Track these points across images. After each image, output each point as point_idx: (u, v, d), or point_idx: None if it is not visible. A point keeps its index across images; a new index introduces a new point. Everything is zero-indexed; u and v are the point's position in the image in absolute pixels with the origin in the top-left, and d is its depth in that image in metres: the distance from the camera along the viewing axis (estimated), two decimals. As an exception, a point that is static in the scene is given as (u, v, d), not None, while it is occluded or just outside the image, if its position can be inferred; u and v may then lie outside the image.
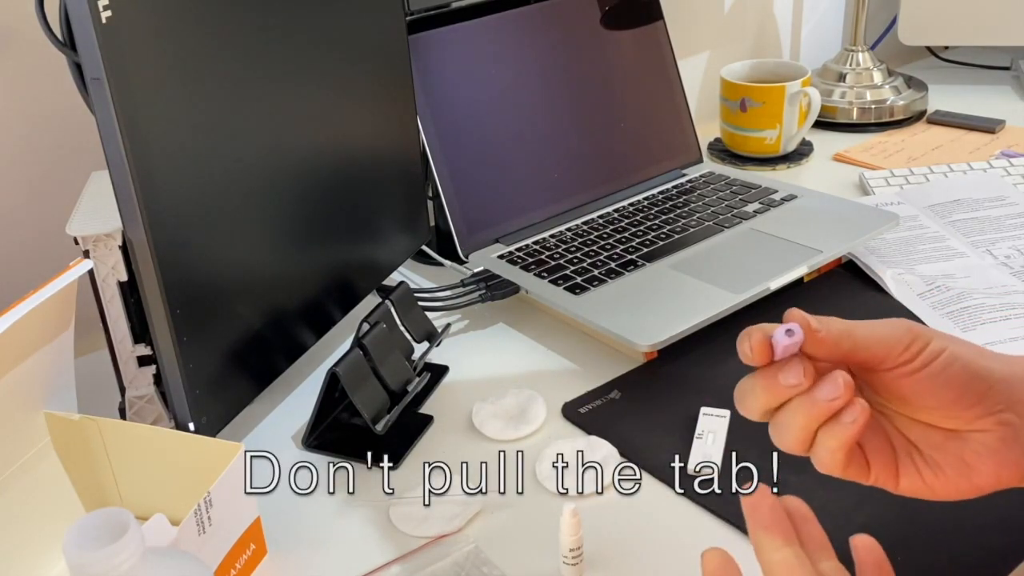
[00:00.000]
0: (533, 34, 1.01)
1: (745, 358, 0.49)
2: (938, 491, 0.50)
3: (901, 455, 0.51)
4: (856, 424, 0.47)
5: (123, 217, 0.60)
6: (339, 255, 0.81)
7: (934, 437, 0.50)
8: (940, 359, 0.48)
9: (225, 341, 0.69)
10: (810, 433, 0.48)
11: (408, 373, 0.76)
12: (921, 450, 0.51)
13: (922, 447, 0.50)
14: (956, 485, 0.50)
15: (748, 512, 0.48)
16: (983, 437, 0.49)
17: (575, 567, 0.60)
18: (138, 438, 0.64)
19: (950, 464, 0.50)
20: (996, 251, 0.94)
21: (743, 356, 0.49)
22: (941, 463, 0.50)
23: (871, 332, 0.48)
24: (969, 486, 0.50)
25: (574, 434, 0.74)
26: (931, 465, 0.50)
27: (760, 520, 0.47)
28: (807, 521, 0.49)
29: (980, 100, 1.37)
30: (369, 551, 0.64)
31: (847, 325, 0.48)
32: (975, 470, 0.49)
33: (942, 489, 0.50)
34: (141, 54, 0.58)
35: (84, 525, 0.44)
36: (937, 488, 0.50)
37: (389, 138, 0.87)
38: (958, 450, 0.49)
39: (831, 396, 0.47)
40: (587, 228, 0.99)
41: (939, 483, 0.50)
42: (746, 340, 0.48)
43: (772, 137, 1.19)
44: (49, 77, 0.85)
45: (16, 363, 0.59)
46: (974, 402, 0.48)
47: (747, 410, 0.50)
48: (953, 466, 0.50)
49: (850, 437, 0.48)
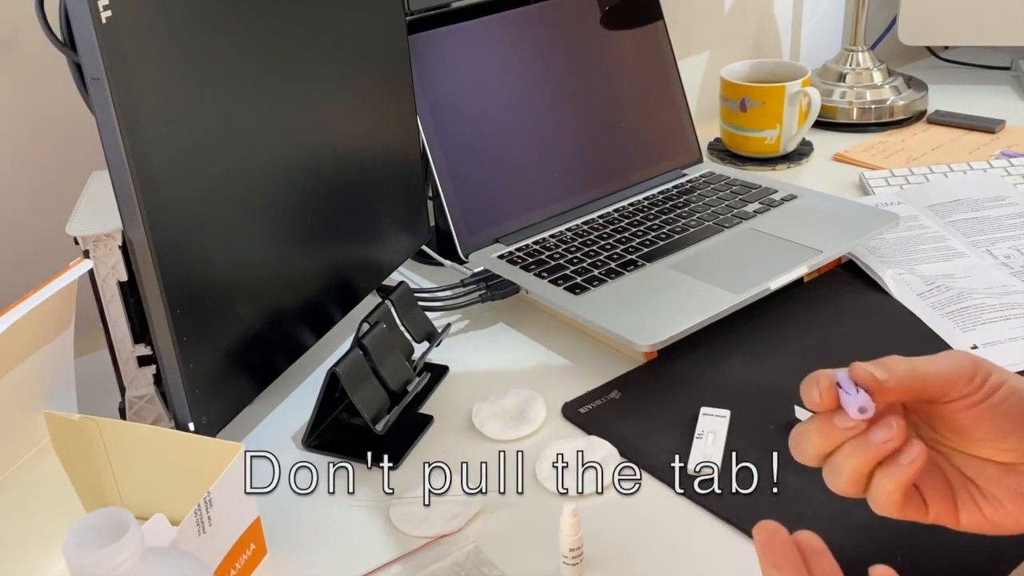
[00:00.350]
0: (533, 34, 1.01)
1: (812, 404, 0.50)
2: (999, 525, 0.50)
3: (959, 491, 0.51)
4: (914, 465, 0.48)
5: (123, 217, 0.60)
6: (339, 255, 0.81)
7: (990, 471, 0.51)
8: (1000, 391, 0.49)
9: (225, 341, 0.69)
10: (863, 475, 0.49)
11: (408, 373, 0.77)
12: (979, 484, 0.51)
13: (979, 482, 0.51)
14: (1016, 518, 0.50)
15: (760, 549, 0.48)
16: None
17: (575, 567, 0.60)
18: (138, 438, 0.64)
19: (1008, 497, 0.50)
20: (996, 251, 0.94)
21: (810, 403, 0.50)
22: (1000, 497, 0.50)
23: (938, 368, 0.49)
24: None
25: (574, 434, 0.74)
26: (989, 499, 0.50)
27: (772, 558, 0.47)
28: (820, 556, 0.48)
29: (980, 100, 1.37)
30: (369, 551, 0.64)
31: (911, 365, 0.49)
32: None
33: (1002, 522, 0.50)
34: (141, 54, 0.58)
35: (84, 525, 0.44)
36: (997, 522, 0.50)
37: (389, 138, 0.87)
38: (1015, 483, 0.50)
39: (884, 439, 0.48)
40: (587, 228, 0.99)
41: (999, 516, 0.50)
42: (814, 387, 0.49)
43: (772, 137, 1.19)
44: (49, 77, 0.85)
45: (16, 363, 0.59)
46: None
47: (802, 455, 0.51)
48: (1011, 499, 0.50)
49: (908, 478, 0.48)
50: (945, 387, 0.49)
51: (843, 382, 0.49)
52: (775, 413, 0.73)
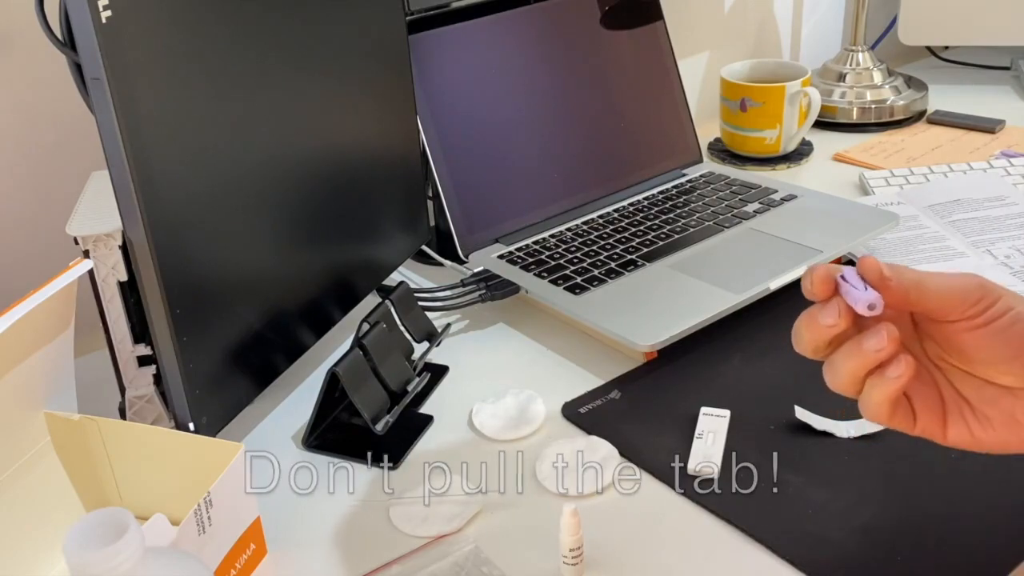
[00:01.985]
0: (533, 34, 1.01)
1: (805, 292, 0.50)
2: (984, 444, 0.51)
3: (951, 408, 0.52)
4: (900, 379, 0.48)
5: (123, 217, 0.60)
6: (339, 255, 0.81)
7: (988, 392, 0.51)
8: (1005, 317, 0.49)
9: (225, 341, 0.69)
10: (857, 380, 0.50)
11: (408, 373, 0.77)
12: (972, 404, 0.51)
13: (974, 401, 0.51)
14: (1004, 439, 0.51)
15: None
16: None
17: (575, 567, 0.60)
18: (138, 438, 0.64)
19: (1000, 419, 0.51)
20: (996, 251, 0.94)
21: (804, 290, 0.50)
22: (991, 417, 0.51)
23: (941, 284, 0.49)
24: (1019, 441, 0.51)
25: (574, 434, 0.74)
26: (980, 419, 0.51)
27: None
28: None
29: (980, 100, 1.37)
30: (369, 551, 0.64)
31: (918, 276, 0.49)
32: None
33: (989, 442, 0.51)
34: (141, 54, 0.58)
35: (84, 525, 0.44)
36: (984, 441, 0.51)
37: (389, 138, 0.87)
38: (1010, 406, 0.50)
39: (877, 347, 0.48)
40: (587, 228, 0.99)
41: (987, 436, 0.51)
42: (808, 276, 0.50)
43: (772, 137, 1.19)
44: (49, 77, 0.85)
45: (16, 363, 0.59)
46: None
47: (798, 346, 0.51)
48: (1003, 421, 0.50)
49: (893, 391, 0.49)
50: (946, 305, 0.49)
51: (851, 277, 0.50)
52: (775, 413, 0.73)
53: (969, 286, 0.49)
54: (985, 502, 0.64)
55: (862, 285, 0.49)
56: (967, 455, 0.66)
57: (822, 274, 0.50)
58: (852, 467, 0.67)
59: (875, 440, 0.69)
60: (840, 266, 0.51)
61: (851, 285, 0.49)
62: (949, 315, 0.50)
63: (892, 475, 0.66)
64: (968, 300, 0.49)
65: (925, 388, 0.52)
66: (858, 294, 0.49)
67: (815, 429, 0.71)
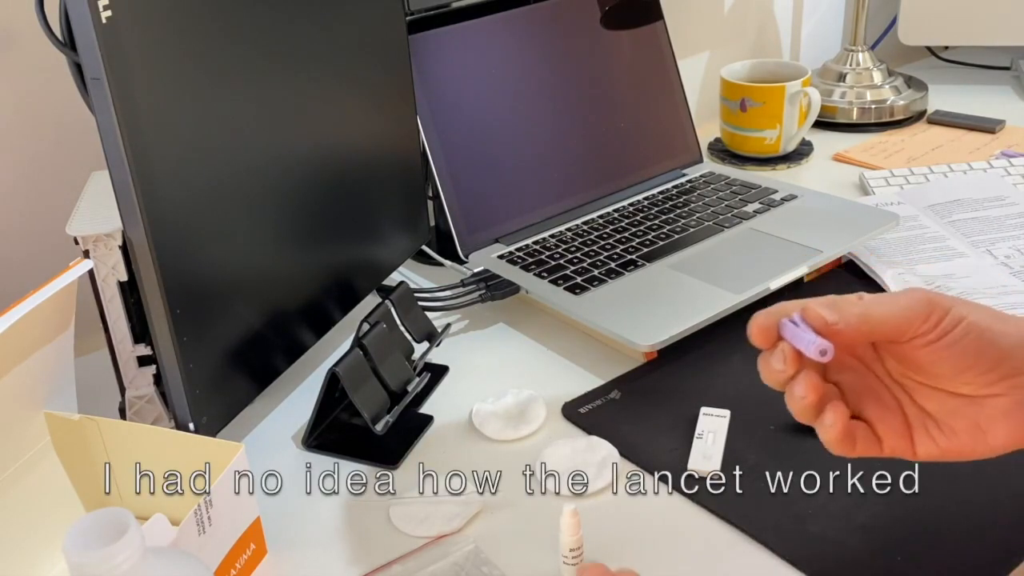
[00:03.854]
0: (533, 34, 1.01)
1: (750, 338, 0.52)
2: (952, 453, 0.52)
3: (915, 425, 0.52)
4: (834, 428, 0.50)
5: (123, 217, 0.60)
6: (339, 255, 0.81)
7: (950, 403, 0.51)
8: (957, 329, 0.49)
9: (225, 341, 0.69)
10: (809, 412, 0.51)
11: (408, 373, 0.77)
12: (936, 418, 0.52)
13: (937, 415, 0.52)
14: (972, 448, 0.51)
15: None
16: (997, 401, 0.50)
17: (575, 567, 0.60)
18: (138, 438, 0.64)
19: (965, 429, 0.51)
20: (996, 251, 0.94)
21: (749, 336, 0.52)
22: (956, 428, 0.51)
23: (888, 310, 0.50)
24: (984, 448, 0.51)
25: (574, 434, 0.74)
26: (945, 431, 0.52)
27: None
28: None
29: (980, 100, 1.37)
30: (369, 551, 0.64)
31: (863, 309, 0.50)
32: (989, 433, 0.51)
33: (956, 450, 0.52)
34: (141, 54, 0.58)
35: (84, 525, 0.44)
36: (951, 450, 0.52)
37: (389, 138, 0.87)
38: (973, 415, 0.51)
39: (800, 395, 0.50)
40: (587, 228, 0.99)
41: (953, 446, 0.52)
42: (750, 324, 0.51)
43: (772, 137, 1.19)
44: (49, 77, 0.85)
45: (16, 363, 0.59)
46: (989, 368, 0.49)
47: (764, 380, 0.53)
48: (968, 431, 0.51)
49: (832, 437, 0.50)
50: (898, 329, 0.50)
51: (801, 321, 0.50)
52: (775, 413, 0.73)
53: (916, 304, 0.49)
54: (985, 502, 0.64)
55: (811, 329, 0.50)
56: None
57: (761, 324, 0.51)
58: (852, 467, 0.67)
59: (875, 440, 0.69)
60: (791, 304, 0.51)
61: (801, 329, 0.50)
62: (903, 335, 0.50)
63: (892, 475, 0.66)
64: (917, 319, 0.49)
65: (887, 412, 0.53)
66: (808, 338, 0.49)
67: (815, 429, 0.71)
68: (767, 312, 0.51)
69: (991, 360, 0.49)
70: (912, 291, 0.50)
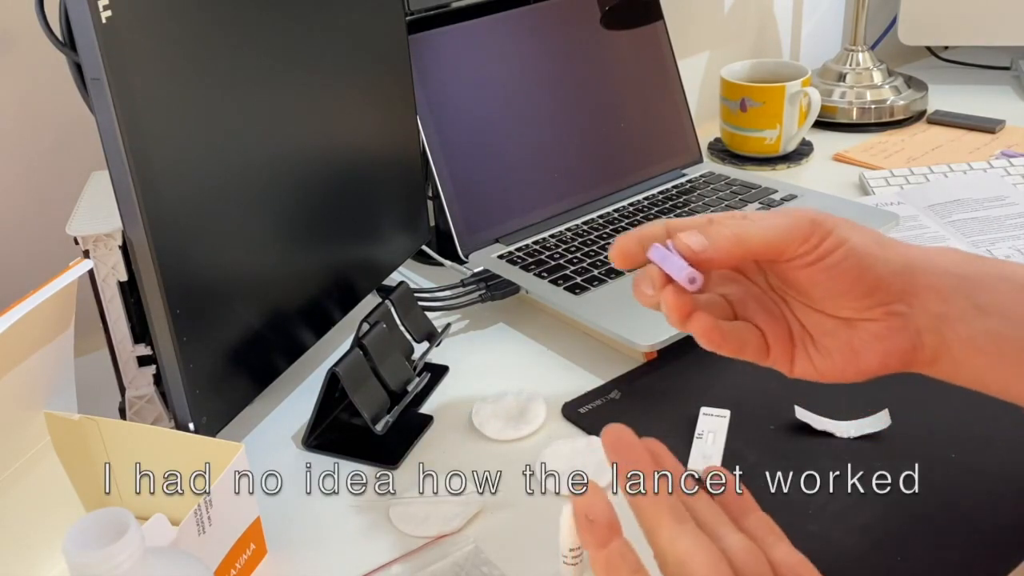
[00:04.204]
0: (533, 34, 1.01)
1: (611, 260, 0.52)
2: (826, 374, 0.52)
3: (797, 341, 0.53)
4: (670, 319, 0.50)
5: (123, 217, 0.60)
6: (339, 255, 0.81)
7: (827, 324, 0.52)
8: (836, 253, 0.49)
9: (225, 341, 0.69)
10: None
11: (408, 373, 0.77)
12: (814, 337, 0.52)
13: (815, 334, 0.52)
14: (843, 369, 0.52)
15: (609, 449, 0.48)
16: (871, 326, 0.51)
17: (575, 567, 0.60)
18: (138, 438, 0.64)
19: (839, 350, 0.52)
20: (996, 251, 0.94)
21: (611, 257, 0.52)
22: (831, 349, 0.52)
23: (766, 231, 0.49)
24: (855, 371, 0.52)
25: (574, 434, 0.74)
26: (821, 351, 0.52)
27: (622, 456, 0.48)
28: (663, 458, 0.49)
29: (980, 100, 1.37)
30: (369, 551, 0.64)
31: (737, 231, 0.49)
32: (861, 356, 0.51)
33: (829, 372, 0.52)
34: (141, 54, 0.58)
35: (84, 525, 0.44)
36: (825, 372, 0.52)
37: (389, 138, 0.87)
38: (847, 337, 0.51)
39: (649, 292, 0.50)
40: (587, 228, 0.99)
41: (827, 367, 0.52)
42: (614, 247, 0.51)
43: (772, 137, 1.19)
44: (49, 77, 0.85)
45: (16, 363, 0.59)
46: (865, 293, 0.50)
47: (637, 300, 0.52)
48: (842, 352, 0.51)
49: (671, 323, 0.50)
50: (776, 250, 0.49)
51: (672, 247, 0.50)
52: (775, 413, 0.73)
53: (797, 225, 0.49)
54: (985, 502, 0.64)
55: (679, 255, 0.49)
56: (965, 455, 0.66)
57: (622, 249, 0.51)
58: (852, 467, 0.67)
59: (875, 440, 0.69)
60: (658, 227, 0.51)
61: (673, 254, 0.49)
62: (780, 257, 0.50)
63: (892, 475, 0.66)
64: (795, 240, 0.49)
65: (775, 322, 0.53)
66: (678, 264, 0.49)
67: (815, 429, 0.71)
68: (632, 236, 0.51)
69: (868, 285, 0.50)
70: (796, 211, 0.50)
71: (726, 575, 0.41)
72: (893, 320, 0.50)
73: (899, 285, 0.50)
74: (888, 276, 0.50)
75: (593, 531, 0.45)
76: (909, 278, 0.50)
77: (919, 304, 0.50)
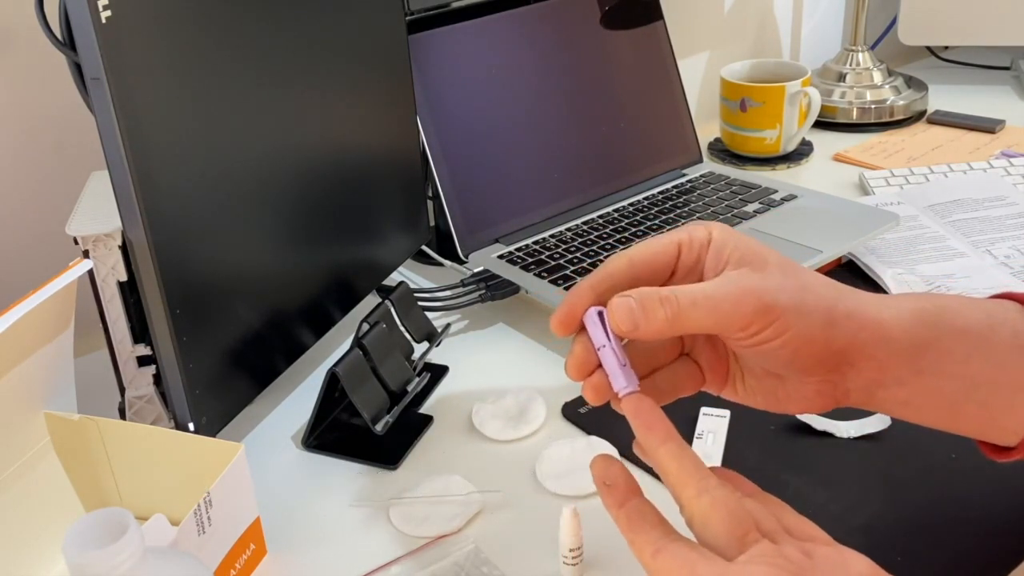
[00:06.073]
0: (533, 34, 1.01)
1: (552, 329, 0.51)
2: (747, 402, 0.54)
3: (730, 376, 0.54)
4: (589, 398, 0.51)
5: (123, 217, 0.60)
6: (339, 255, 0.81)
7: (757, 371, 0.52)
8: (773, 343, 0.47)
9: (225, 341, 0.69)
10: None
11: (408, 373, 0.76)
12: (744, 377, 0.53)
13: (746, 375, 0.53)
14: (764, 406, 0.53)
15: (633, 416, 0.48)
16: (800, 387, 0.51)
17: (575, 567, 0.60)
18: (138, 438, 0.64)
19: (763, 394, 0.52)
20: (996, 251, 0.94)
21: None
22: (756, 391, 0.53)
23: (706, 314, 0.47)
24: (777, 409, 0.53)
25: (574, 434, 0.74)
26: (748, 389, 0.53)
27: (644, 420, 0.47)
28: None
29: (980, 100, 1.37)
30: (369, 551, 0.64)
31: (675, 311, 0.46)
32: (784, 404, 0.52)
33: (752, 404, 0.54)
34: (141, 54, 0.58)
35: (84, 525, 0.44)
36: (748, 403, 0.54)
37: (389, 138, 0.86)
38: (773, 387, 0.52)
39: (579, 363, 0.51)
40: (587, 228, 0.99)
41: (751, 402, 0.53)
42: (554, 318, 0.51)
43: (772, 137, 1.19)
44: (49, 77, 0.85)
45: (16, 363, 0.59)
46: (798, 370, 0.50)
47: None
48: (765, 397, 0.52)
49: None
50: (713, 329, 0.48)
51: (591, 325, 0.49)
52: (775, 413, 0.73)
53: (740, 310, 0.46)
54: (985, 502, 0.64)
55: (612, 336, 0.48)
56: (966, 455, 0.66)
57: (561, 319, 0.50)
58: (852, 467, 0.67)
59: (875, 440, 0.69)
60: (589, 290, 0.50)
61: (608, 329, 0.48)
62: (717, 334, 0.50)
63: (892, 475, 0.66)
64: (735, 326, 0.47)
65: (718, 360, 0.53)
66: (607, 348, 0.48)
67: (815, 429, 0.71)
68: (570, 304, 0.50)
69: (801, 366, 0.49)
70: (745, 292, 0.47)
71: (750, 528, 0.43)
72: (823, 385, 0.50)
73: (836, 361, 0.49)
74: (827, 357, 0.49)
75: (612, 493, 0.46)
76: (851, 354, 0.49)
77: (854, 373, 0.50)
